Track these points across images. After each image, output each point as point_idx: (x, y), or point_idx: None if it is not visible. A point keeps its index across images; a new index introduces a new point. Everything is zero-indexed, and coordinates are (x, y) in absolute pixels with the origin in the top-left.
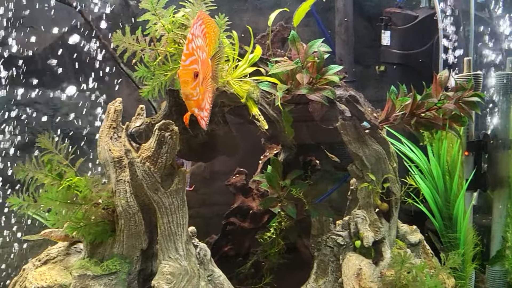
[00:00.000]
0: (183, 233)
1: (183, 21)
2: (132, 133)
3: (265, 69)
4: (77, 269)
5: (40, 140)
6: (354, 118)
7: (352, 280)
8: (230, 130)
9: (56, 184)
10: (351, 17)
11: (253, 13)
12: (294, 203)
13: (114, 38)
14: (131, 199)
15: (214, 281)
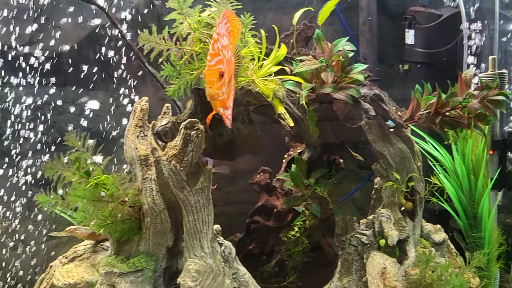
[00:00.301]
0: (209, 231)
1: (209, 20)
2: (158, 132)
3: (289, 68)
4: (104, 266)
5: (68, 139)
6: (379, 117)
7: (376, 278)
8: (255, 129)
9: (83, 182)
10: (375, 16)
11: (277, 12)
12: (318, 202)
13: (141, 37)
14: (157, 197)
15: (239, 279)
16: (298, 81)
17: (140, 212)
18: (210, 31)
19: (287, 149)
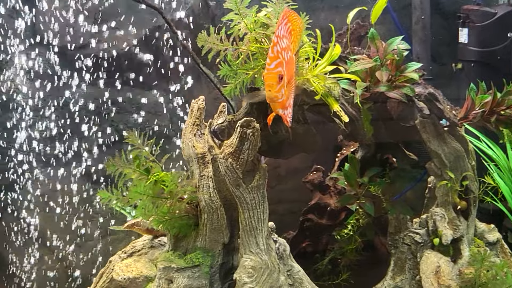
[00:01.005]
0: (264, 228)
1: (265, 21)
2: (215, 130)
3: (344, 67)
4: (162, 262)
5: (128, 137)
6: (433, 116)
7: (430, 277)
8: (310, 128)
9: (143, 178)
10: (428, 14)
11: (329, 12)
12: (372, 200)
13: (199, 38)
14: (214, 194)
15: (293, 276)
16: (352, 80)
17: (197, 208)
18: (266, 31)
19: (338, 148)
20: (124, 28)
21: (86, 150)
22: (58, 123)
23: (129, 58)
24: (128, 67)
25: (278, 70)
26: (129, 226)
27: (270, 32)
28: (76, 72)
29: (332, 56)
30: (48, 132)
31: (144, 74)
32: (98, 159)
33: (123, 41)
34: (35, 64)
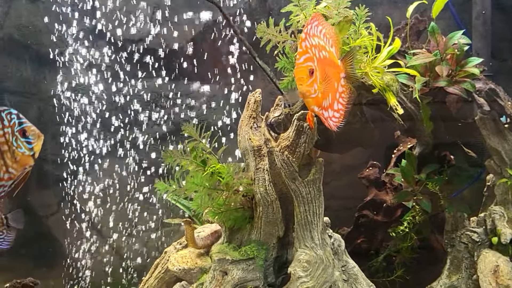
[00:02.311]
0: (319, 222)
1: (324, 12)
2: (271, 123)
3: (403, 61)
4: (217, 254)
5: (185, 129)
6: (494, 112)
7: (488, 277)
8: (367, 122)
9: (200, 170)
10: (489, 9)
11: (388, 6)
12: (429, 197)
13: (258, 29)
14: (270, 187)
15: (348, 271)
16: (411, 75)
17: (252, 201)
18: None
19: (395, 144)
20: (182, 23)
21: (143, 142)
22: (118, 116)
23: (186, 52)
24: (185, 61)
25: (307, 64)
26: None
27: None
28: (135, 66)
29: (391, 49)
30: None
31: (201, 68)
32: (154, 151)
33: (181, 36)
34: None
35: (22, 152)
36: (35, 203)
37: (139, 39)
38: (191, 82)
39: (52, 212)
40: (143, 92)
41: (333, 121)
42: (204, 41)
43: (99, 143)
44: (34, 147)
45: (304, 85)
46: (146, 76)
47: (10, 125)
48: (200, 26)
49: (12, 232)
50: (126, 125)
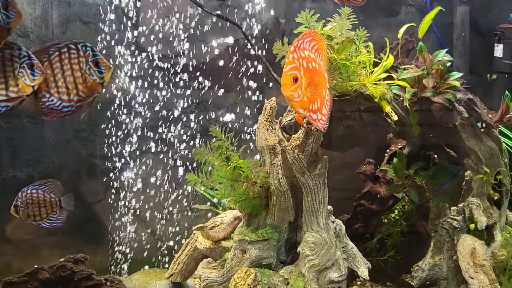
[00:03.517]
0: (324, 210)
1: (330, 33)
2: (284, 126)
3: (395, 75)
4: (237, 235)
5: (212, 130)
6: (472, 119)
7: (467, 257)
8: (365, 126)
9: (224, 165)
10: (467, 32)
11: (382, 29)
12: (416, 190)
13: (274, 47)
14: (283, 180)
15: (347, 251)
16: (402, 86)
17: (267, 191)
18: (331, 42)
19: (387, 145)
20: (209, 41)
21: (178, 141)
22: (156, 118)
23: (213, 65)
24: (213, 73)
25: (292, 72)
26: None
27: (334, 43)
28: (171, 76)
29: (385, 65)
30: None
31: (225, 79)
32: (187, 148)
33: (209, 52)
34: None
35: (93, 80)
36: (85, 191)
37: (175, 55)
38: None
39: (99, 199)
40: (177, 98)
41: (320, 123)
42: (228, 57)
43: (138, 141)
44: (105, 76)
45: (287, 90)
46: (179, 85)
47: (85, 55)
48: (225, 44)
49: (64, 213)
50: (161, 126)
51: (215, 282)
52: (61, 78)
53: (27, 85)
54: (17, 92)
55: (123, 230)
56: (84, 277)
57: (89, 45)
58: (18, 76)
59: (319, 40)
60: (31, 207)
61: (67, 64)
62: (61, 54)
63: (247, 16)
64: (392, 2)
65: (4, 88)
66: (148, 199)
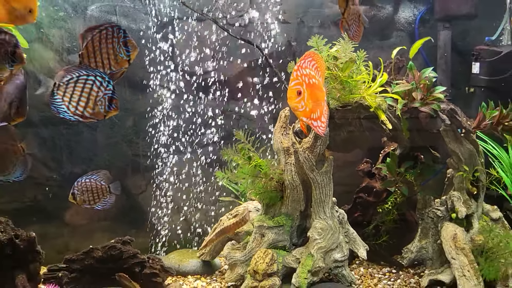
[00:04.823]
0: (329, 201)
1: (335, 54)
2: (296, 131)
3: (389, 89)
4: (257, 222)
5: (237, 134)
6: (453, 125)
7: (449, 241)
8: (364, 131)
9: (246, 163)
10: (449, 52)
11: (377, 50)
12: (407, 185)
13: (289, 66)
14: (295, 176)
15: (349, 236)
16: (395, 98)
17: (282, 186)
18: (336, 62)
19: (382, 147)
20: (233, 59)
21: (207, 143)
22: (188, 124)
23: (235, 80)
24: (235, 87)
25: (296, 87)
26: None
27: (339, 63)
28: (200, 89)
29: (381, 80)
30: (181, 130)
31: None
32: (214, 149)
33: (232, 68)
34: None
35: (122, 57)
36: (130, 184)
37: (204, 71)
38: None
39: (142, 191)
40: (207, 107)
41: (320, 129)
42: (249, 73)
43: (174, 143)
44: (131, 55)
45: (292, 102)
46: (209, 96)
47: (117, 36)
48: (246, 61)
49: (113, 197)
50: (194, 130)
51: (238, 260)
52: (99, 54)
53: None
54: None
55: (161, 216)
56: (131, 256)
57: (122, 28)
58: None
59: (318, 60)
60: (86, 194)
61: (104, 42)
62: (101, 33)
63: (265, 39)
64: (384, 28)
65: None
66: (182, 191)
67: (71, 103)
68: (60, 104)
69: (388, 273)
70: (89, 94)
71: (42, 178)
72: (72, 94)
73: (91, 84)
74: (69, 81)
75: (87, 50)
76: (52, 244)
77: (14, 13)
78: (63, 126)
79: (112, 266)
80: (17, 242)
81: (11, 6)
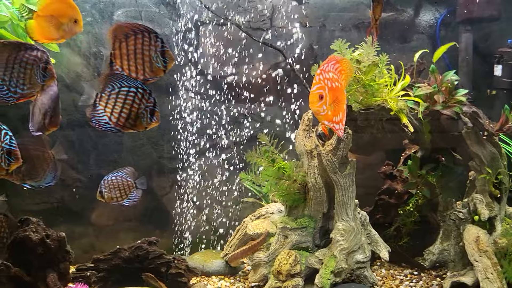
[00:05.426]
0: (352, 203)
1: (358, 58)
2: (319, 134)
3: (410, 92)
4: (280, 223)
5: (260, 137)
6: (475, 128)
7: (472, 244)
8: (385, 133)
9: (270, 166)
10: (471, 55)
11: (397, 53)
12: (428, 187)
13: (312, 69)
14: (318, 178)
15: (371, 237)
16: (417, 101)
17: (305, 188)
18: (359, 66)
19: (402, 149)
20: (256, 62)
21: (229, 145)
22: (211, 127)
23: (258, 83)
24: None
25: (318, 91)
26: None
27: (362, 66)
28: (223, 93)
29: (403, 84)
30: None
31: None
32: (237, 151)
33: (254, 72)
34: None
35: (158, 66)
36: (155, 186)
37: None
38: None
39: (166, 192)
40: (230, 110)
41: (342, 131)
42: (270, 77)
43: (198, 145)
44: (168, 65)
45: (314, 106)
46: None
47: (155, 44)
48: (268, 65)
49: (139, 192)
50: (217, 133)
51: (262, 261)
52: (133, 58)
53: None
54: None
55: (184, 217)
56: (157, 256)
57: (160, 36)
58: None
59: (343, 63)
60: (113, 191)
61: (140, 48)
62: (137, 38)
63: (287, 43)
64: (406, 31)
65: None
66: (205, 192)
67: (113, 114)
68: (102, 115)
69: (410, 275)
70: (131, 106)
71: (69, 180)
72: (114, 105)
73: (133, 96)
74: (110, 92)
75: (120, 51)
76: (78, 244)
77: (62, 27)
78: (90, 128)
79: (139, 266)
80: (48, 242)
81: (59, 21)
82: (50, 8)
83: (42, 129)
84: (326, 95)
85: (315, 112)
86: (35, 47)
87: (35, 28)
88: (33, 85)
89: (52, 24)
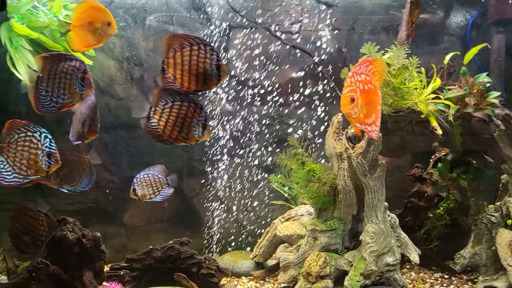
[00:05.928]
0: (381, 205)
1: (388, 61)
2: (349, 137)
3: (441, 94)
4: (310, 225)
5: (290, 139)
6: (508, 130)
7: (505, 248)
8: (415, 136)
9: (300, 168)
10: (503, 57)
11: (426, 56)
12: (459, 190)
13: (342, 72)
14: (348, 181)
15: (400, 240)
16: (447, 104)
17: (335, 190)
18: (389, 69)
19: (431, 152)
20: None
21: (259, 148)
22: (241, 129)
23: (287, 87)
24: (287, 93)
25: (350, 94)
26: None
27: (392, 69)
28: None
29: (433, 86)
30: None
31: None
32: (266, 154)
33: (284, 75)
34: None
35: (211, 79)
36: (186, 188)
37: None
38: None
39: (196, 194)
40: (260, 113)
41: (374, 133)
42: (300, 79)
43: (227, 147)
44: (221, 78)
45: (345, 109)
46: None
47: (211, 58)
48: (298, 68)
49: (171, 189)
50: (246, 135)
51: (291, 262)
52: (187, 69)
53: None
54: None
55: (214, 219)
56: (188, 256)
57: (215, 50)
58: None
59: (377, 64)
60: (146, 188)
61: (195, 59)
62: (192, 50)
63: (316, 47)
64: (436, 33)
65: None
66: (235, 194)
67: (167, 127)
68: (156, 128)
69: (440, 279)
70: (183, 120)
71: (103, 181)
72: (167, 119)
73: (186, 111)
74: (164, 106)
75: (174, 60)
76: (111, 244)
77: (97, 32)
78: (123, 131)
79: (171, 266)
80: (84, 242)
81: (93, 27)
82: (83, 16)
83: (82, 138)
84: (358, 98)
85: (346, 114)
86: (74, 57)
87: (74, 39)
88: (72, 94)
89: (88, 31)
